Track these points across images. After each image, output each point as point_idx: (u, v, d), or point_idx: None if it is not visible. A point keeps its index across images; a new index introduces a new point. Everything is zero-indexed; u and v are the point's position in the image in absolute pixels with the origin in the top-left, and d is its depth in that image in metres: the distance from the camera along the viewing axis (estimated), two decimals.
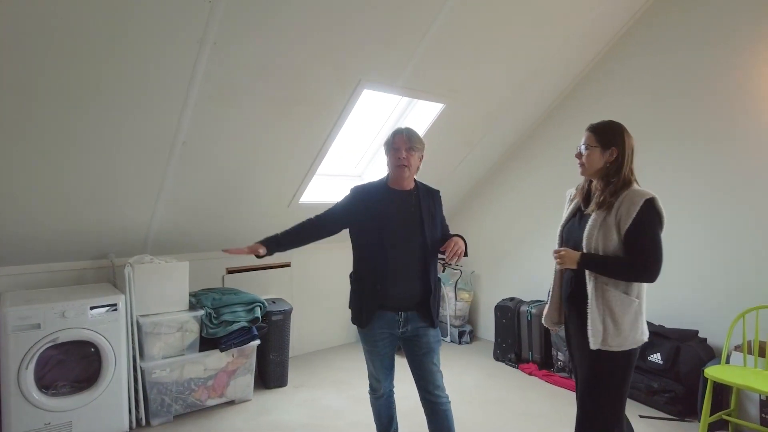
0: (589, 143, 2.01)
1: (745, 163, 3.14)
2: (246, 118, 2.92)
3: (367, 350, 2.34)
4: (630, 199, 1.88)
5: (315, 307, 4.44)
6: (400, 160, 2.22)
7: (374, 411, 2.51)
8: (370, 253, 2.22)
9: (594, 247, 1.93)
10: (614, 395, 1.96)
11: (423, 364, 2.26)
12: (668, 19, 3.46)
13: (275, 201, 3.68)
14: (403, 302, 2.21)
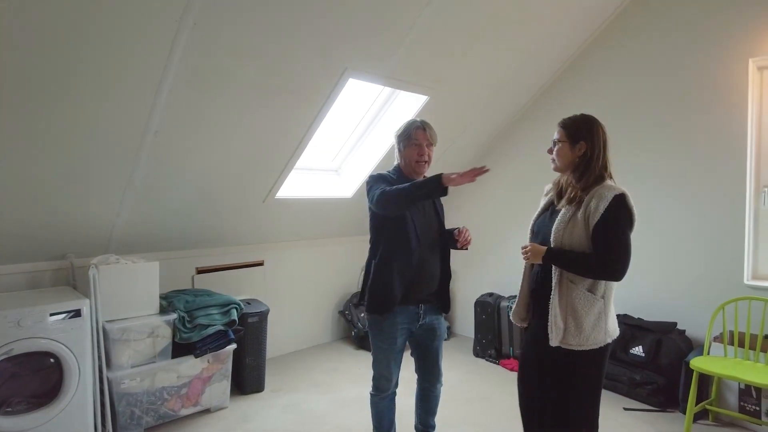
0: (559, 138, 1.98)
1: (719, 157, 3.22)
2: (224, 105, 2.71)
3: (383, 348, 2.25)
4: (600, 194, 1.84)
5: (290, 306, 4.26)
6: (423, 157, 2.24)
7: (376, 413, 2.40)
8: (398, 242, 2.18)
9: (561, 242, 1.89)
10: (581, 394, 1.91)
11: (431, 353, 2.35)
12: (647, 15, 3.51)
13: (251, 196, 3.48)
14: (426, 293, 2.24)
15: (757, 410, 2.84)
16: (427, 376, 2.40)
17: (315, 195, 3.93)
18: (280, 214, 3.84)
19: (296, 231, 4.19)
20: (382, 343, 2.25)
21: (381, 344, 2.25)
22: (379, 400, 2.38)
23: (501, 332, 4.08)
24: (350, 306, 4.51)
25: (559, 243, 1.90)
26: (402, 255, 2.17)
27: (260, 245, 4.04)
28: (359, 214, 4.46)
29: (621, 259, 1.81)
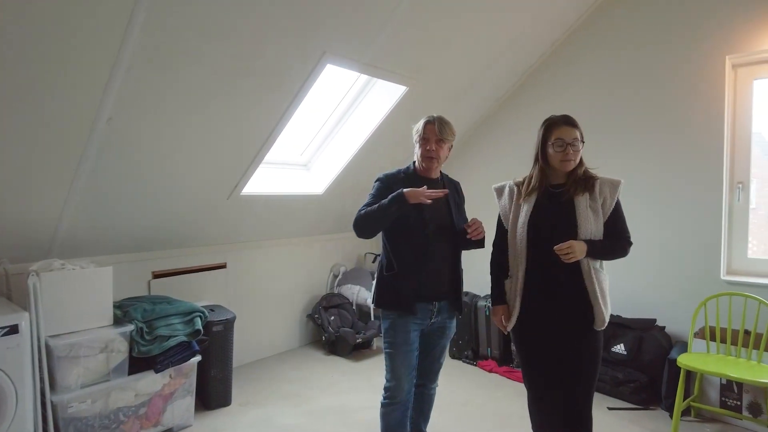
0: (578, 139, 2.01)
1: (696, 154, 3.23)
2: (187, 90, 2.41)
3: (396, 346, 2.16)
4: (610, 183, 2.01)
5: (255, 311, 3.97)
6: (429, 152, 2.16)
7: (385, 427, 2.22)
8: (410, 240, 2.13)
9: (590, 231, 1.95)
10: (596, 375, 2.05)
11: (434, 351, 2.29)
12: (626, 10, 3.48)
13: (214, 192, 3.17)
14: (439, 291, 2.18)
15: (738, 405, 2.86)
16: (424, 375, 2.32)
17: (283, 191, 3.66)
18: (246, 212, 3.55)
19: (262, 230, 3.90)
20: (395, 340, 2.16)
21: (395, 342, 2.16)
22: (390, 411, 2.21)
23: (478, 333, 3.97)
24: (320, 309, 4.26)
25: (588, 232, 1.95)
26: (413, 252, 2.14)
27: (223, 246, 3.73)
28: (330, 211, 4.24)
29: (630, 240, 2.05)
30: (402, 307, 2.14)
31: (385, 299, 2.21)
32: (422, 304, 2.16)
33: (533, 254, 2.03)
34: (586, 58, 3.68)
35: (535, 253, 2.02)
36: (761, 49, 3.01)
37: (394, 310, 2.17)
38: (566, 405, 2.03)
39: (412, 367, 2.18)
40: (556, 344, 2.02)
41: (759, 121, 3.15)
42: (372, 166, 3.93)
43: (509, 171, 4.05)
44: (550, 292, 2.01)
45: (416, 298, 2.13)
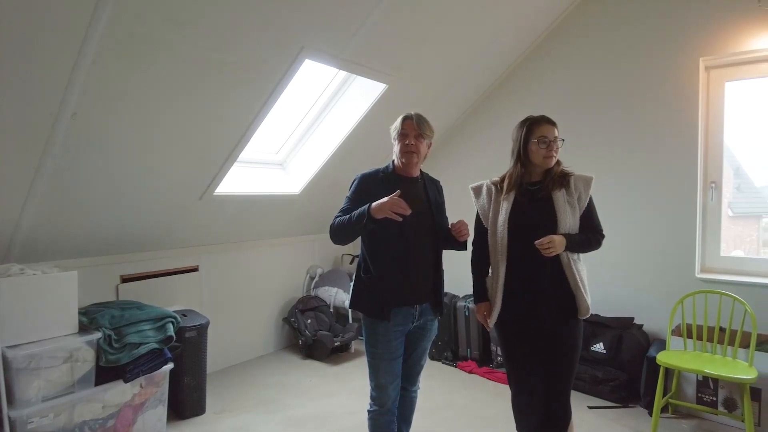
0: (558, 137, 2.09)
1: (671, 154, 3.28)
2: (158, 83, 2.29)
3: (378, 355, 2.10)
4: (583, 180, 2.09)
5: (228, 315, 3.83)
6: (408, 147, 2.09)
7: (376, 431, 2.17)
8: (389, 242, 2.06)
9: (569, 225, 2.04)
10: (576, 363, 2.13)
11: (415, 353, 2.23)
12: (602, 11, 3.51)
13: (186, 192, 3.03)
14: (420, 294, 2.13)
15: (713, 400, 2.91)
16: (406, 379, 2.25)
17: (258, 191, 3.54)
18: (219, 212, 3.42)
19: (235, 231, 3.78)
20: (377, 348, 2.10)
21: (376, 351, 2.10)
22: (378, 417, 2.16)
23: (458, 333, 3.94)
24: (296, 312, 4.16)
25: (566, 227, 2.03)
26: (391, 254, 2.07)
27: (195, 248, 3.59)
28: (307, 212, 4.14)
29: (603, 233, 2.15)
30: (379, 314, 2.08)
31: (362, 303, 2.15)
32: (403, 308, 2.09)
33: (514, 250, 2.09)
34: (562, 58, 3.70)
35: (515, 249, 2.08)
36: (733, 51, 3.07)
37: (370, 316, 2.11)
38: (548, 392, 2.11)
39: (396, 375, 2.13)
40: (538, 335, 2.09)
41: (730, 123, 3.22)
42: (350, 166, 3.85)
43: (484, 170, 4.04)
44: (532, 286, 2.08)
45: (395, 303, 2.07)
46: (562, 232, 2.01)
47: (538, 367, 2.12)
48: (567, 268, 2.03)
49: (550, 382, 2.12)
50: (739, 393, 2.82)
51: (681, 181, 3.26)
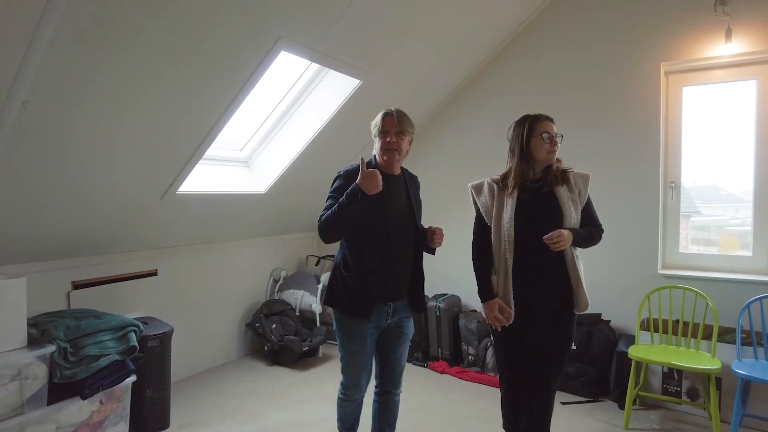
0: (557, 133, 2.14)
1: (635, 156, 3.40)
2: (122, 71, 2.10)
3: (353, 350, 2.12)
4: (581, 176, 2.17)
5: (189, 321, 3.61)
6: (390, 144, 2.05)
7: (342, 413, 2.29)
8: (370, 240, 2.03)
9: (573, 220, 2.08)
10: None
11: (394, 355, 2.22)
12: (567, 17, 3.60)
13: (147, 190, 2.82)
14: (397, 291, 2.12)
15: (678, 391, 3.03)
16: (387, 379, 2.25)
17: (223, 190, 3.36)
18: (181, 213, 3.21)
19: (197, 233, 3.57)
20: (351, 345, 2.11)
21: (351, 346, 2.11)
22: (347, 404, 2.26)
23: (429, 333, 3.91)
24: (260, 317, 3.98)
25: (571, 222, 2.06)
26: (372, 251, 2.05)
27: (154, 251, 3.35)
28: (273, 212, 3.99)
29: (602, 228, 2.22)
30: (356, 312, 2.07)
31: (338, 301, 2.12)
32: (378, 305, 2.08)
33: (520, 247, 2.08)
34: (531, 59, 3.76)
35: (522, 246, 2.08)
36: (690, 58, 3.22)
37: (347, 314, 2.10)
38: (537, 390, 2.16)
39: (368, 369, 2.19)
40: (536, 328, 2.11)
41: (688, 126, 3.38)
42: (320, 164, 3.75)
43: (455, 167, 4.12)
44: (536, 282, 2.09)
45: (373, 302, 2.06)
46: (568, 226, 2.04)
47: (531, 365, 2.15)
48: (570, 263, 2.07)
49: (541, 380, 2.16)
50: (701, 383, 2.95)
51: (644, 181, 3.38)
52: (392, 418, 2.34)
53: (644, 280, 3.33)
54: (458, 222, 4.29)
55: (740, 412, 2.60)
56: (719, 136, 3.36)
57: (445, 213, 4.24)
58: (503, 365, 2.23)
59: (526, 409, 2.19)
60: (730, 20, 3.03)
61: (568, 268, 2.08)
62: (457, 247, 4.37)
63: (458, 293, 4.12)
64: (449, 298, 3.95)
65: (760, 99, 3.17)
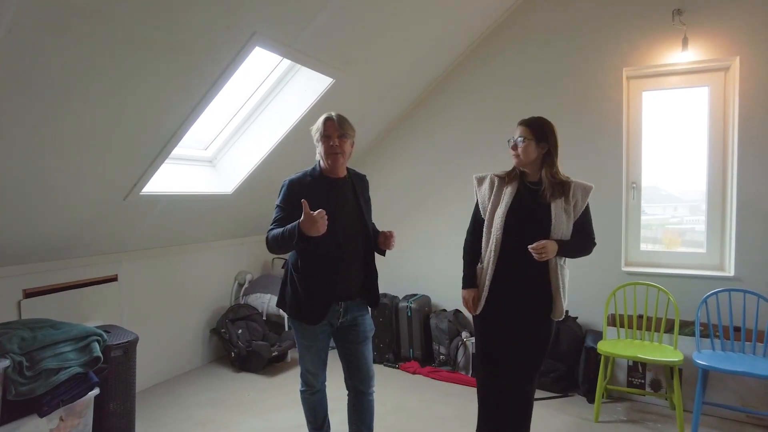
0: (525, 136, 2.17)
1: (599, 158, 3.52)
2: (84, 61, 1.95)
3: (306, 345, 2.20)
4: (582, 188, 2.19)
5: (151, 329, 3.43)
6: (333, 148, 2.09)
7: (308, 409, 2.35)
8: (321, 243, 2.00)
9: (561, 233, 2.12)
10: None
11: (358, 353, 2.22)
12: (536, 21, 3.68)
13: (108, 191, 2.66)
14: (347, 292, 2.16)
15: (642, 383, 3.16)
16: (356, 380, 2.26)
17: (189, 191, 3.21)
18: (144, 214, 3.05)
19: (160, 236, 3.40)
20: (305, 340, 2.19)
21: (304, 342, 2.20)
22: (309, 395, 2.32)
23: (400, 334, 3.90)
24: (226, 322, 3.84)
25: (560, 234, 2.11)
26: (323, 257, 2.08)
27: (113, 255, 3.17)
28: (239, 214, 3.86)
29: (594, 241, 2.28)
30: (305, 318, 2.13)
31: (289, 305, 2.18)
32: (331, 306, 2.12)
33: (506, 245, 2.15)
34: (499, 61, 3.81)
35: (508, 245, 2.14)
36: (650, 64, 3.37)
37: (297, 318, 2.17)
38: (515, 388, 2.23)
39: (324, 362, 2.26)
40: (515, 329, 2.19)
41: (648, 129, 3.53)
42: (289, 164, 3.64)
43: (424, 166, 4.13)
44: (517, 283, 2.17)
45: (323, 308, 2.10)
46: (555, 237, 2.10)
47: (509, 363, 2.21)
48: (552, 271, 2.13)
49: (518, 378, 2.22)
50: (663, 374, 3.08)
51: (608, 182, 3.51)
52: (368, 419, 2.32)
53: (608, 277, 3.45)
54: (428, 224, 4.32)
55: (701, 401, 2.73)
56: (671, 139, 3.53)
57: (415, 214, 4.26)
58: (480, 360, 2.30)
59: (504, 405, 2.25)
60: (686, 29, 3.19)
61: (550, 275, 2.13)
62: (427, 249, 4.40)
63: (428, 293, 4.14)
64: (420, 299, 3.95)
65: (712, 105, 3.36)
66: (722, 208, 3.34)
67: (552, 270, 2.13)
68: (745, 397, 2.90)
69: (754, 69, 3.12)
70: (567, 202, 2.15)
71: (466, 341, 3.64)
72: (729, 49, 3.17)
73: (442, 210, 4.11)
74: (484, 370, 2.30)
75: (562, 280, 2.15)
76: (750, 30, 3.11)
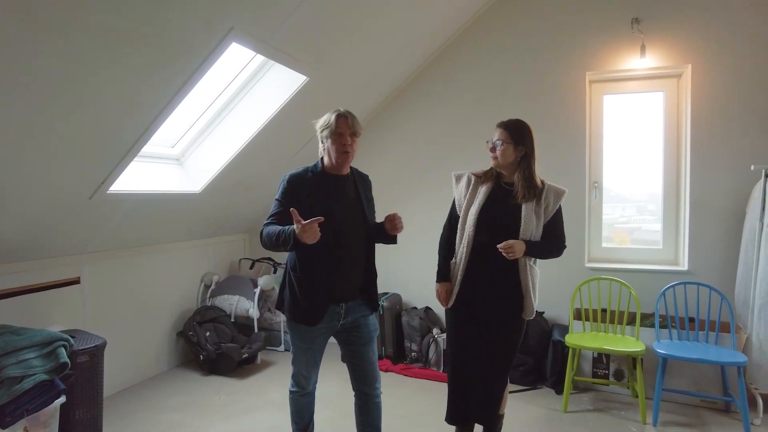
0: (503, 139, 2.23)
1: (563, 159, 3.65)
2: (55, 55, 1.87)
3: (303, 348, 2.13)
4: (555, 191, 2.27)
5: (116, 333, 3.26)
6: (346, 147, 2.04)
7: (295, 410, 2.28)
8: (320, 244, 1.90)
9: (530, 233, 2.19)
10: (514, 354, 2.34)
11: (363, 355, 2.17)
12: (501, 24, 3.79)
13: (74, 188, 2.54)
14: (348, 292, 2.10)
15: (606, 373, 3.31)
16: (361, 381, 2.20)
17: (158, 189, 3.11)
18: (110, 214, 2.93)
19: (124, 236, 3.27)
20: (302, 342, 2.12)
21: (301, 344, 2.13)
22: (300, 398, 2.25)
23: None
24: (193, 325, 3.74)
25: (528, 234, 2.18)
26: (322, 256, 2.01)
27: (76, 257, 3.02)
28: (208, 213, 3.78)
29: (565, 244, 2.34)
30: (303, 320, 2.07)
31: (287, 308, 2.12)
32: (329, 306, 2.06)
33: (478, 243, 2.21)
34: (468, 63, 3.90)
35: (480, 242, 2.20)
36: (611, 69, 3.54)
37: (296, 322, 2.09)
38: (484, 382, 2.28)
39: (317, 365, 2.20)
40: (486, 324, 2.24)
41: (609, 131, 3.71)
42: (259, 163, 3.62)
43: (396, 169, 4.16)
44: (488, 280, 2.23)
45: (321, 308, 2.04)
46: (523, 238, 2.16)
47: (480, 355, 2.26)
48: (522, 271, 2.20)
49: (488, 373, 2.28)
50: (626, 365, 3.24)
51: (571, 181, 3.60)
52: (375, 420, 2.26)
53: (573, 273, 3.58)
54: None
55: (661, 388, 2.89)
56: (629, 141, 3.73)
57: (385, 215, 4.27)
58: (451, 352, 2.36)
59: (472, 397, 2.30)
60: (644, 37, 3.37)
61: (519, 274, 2.20)
62: (398, 248, 4.40)
63: (399, 292, 4.17)
64: (391, 297, 3.98)
65: (667, 109, 3.56)
66: (676, 206, 3.54)
67: (521, 269, 2.19)
68: (699, 382, 3.09)
69: (704, 76, 3.33)
70: (539, 205, 2.22)
71: (437, 338, 3.70)
72: (682, 57, 3.37)
73: (413, 210, 4.15)
74: (453, 361, 2.35)
75: (532, 279, 2.22)
76: (701, 40, 3.32)
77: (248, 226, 4.61)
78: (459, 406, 2.36)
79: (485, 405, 2.31)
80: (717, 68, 3.30)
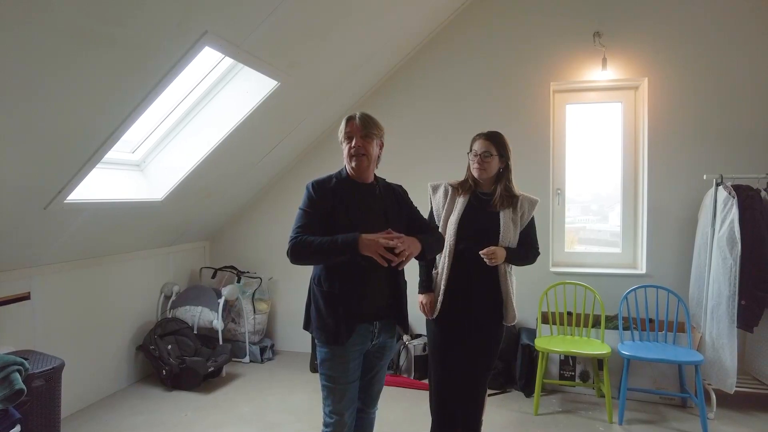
0: (490, 152, 2.28)
1: (528, 167, 3.72)
2: (17, 54, 1.72)
3: (334, 379, 1.89)
4: (529, 201, 2.35)
5: (70, 351, 3.05)
6: (355, 149, 1.92)
7: None
8: None
9: (509, 240, 2.25)
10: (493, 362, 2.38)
11: (373, 372, 2.04)
12: (475, 30, 3.85)
13: (26, 198, 2.35)
14: (379, 310, 1.95)
15: (572, 375, 3.42)
16: (362, 399, 2.05)
17: (118, 197, 2.94)
18: (65, 225, 2.74)
19: (78, 248, 3.05)
20: (333, 372, 1.89)
21: (332, 374, 1.89)
22: None
23: None
24: (154, 339, 3.55)
25: (507, 241, 2.24)
26: (347, 266, 1.86)
27: (25, 271, 2.79)
28: (167, 221, 3.61)
29: (539, 250, 2.42)
30: (331, 337, 1.87)
31: (317, 326, 1.92)
32: (362, 325, 1.91)
33: (459, 252, 2.24)
34: (437, 69, 3.92)
35: (460, 252, 2.23)
36: (573, 79, 3.67)
37: (326, 340, 1.89)
38: (467, 385, 2.31)
39: (354, 400, 1.95)
40: (469, 332, 2.27)
41: (571, 139, 3.84)
42: (224, 169, 3.52)
43: None
44: (469, 288, 2.26)
45: (353, 322, 1.88)
46: (503, 245, 2.22)
47: (463, 363, 2.29)
48: (502, 277, 2.25)
49: (470, 379, 2.31)
50: (591, 366, 3.36)
51: (536, 187, 3.71)
52: None
53: (538, 277, 3.68)
54: None
55: (626, 387, 3.02)
56: (588, 148, 3.89)
57: None
58: (433, 361, 2.36)
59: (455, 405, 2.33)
60: (605, 50, 3.52)
61: (499, 281, 2.25)
62: None
63: None
64: None
65: (625, 120, 3.73)
66: (634, 212, 3.72)
67: (501, 276, 2.25)
68: (659, 380, 3.25)
69: (660, 89, 3.52)
70: (515, 213, 2.29)
71: (407, 344, 3.70)
72: (639, 70, 3.55)
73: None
74: (437, 371, 2.35)
75: (511, 286, 2.28)
76: (657, 55, 3.50)
77: (209, 233, 4.44)
78: (445, 416, 2.36)
79: (472, 412, 2.33)
80: (672, 82, 3.49)
